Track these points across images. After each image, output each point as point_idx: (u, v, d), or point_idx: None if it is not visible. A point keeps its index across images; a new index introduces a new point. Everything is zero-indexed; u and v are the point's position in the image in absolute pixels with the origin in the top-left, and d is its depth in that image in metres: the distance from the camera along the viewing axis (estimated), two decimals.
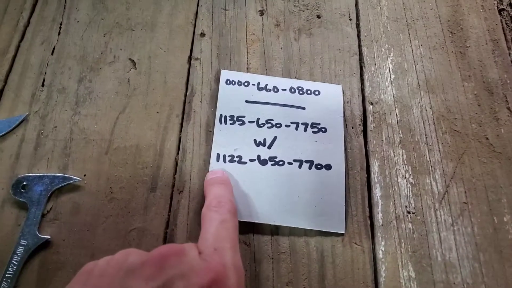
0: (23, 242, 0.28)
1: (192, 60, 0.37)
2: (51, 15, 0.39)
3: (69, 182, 0.31)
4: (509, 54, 0.41)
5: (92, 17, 0.39)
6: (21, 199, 0.30)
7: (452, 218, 0.31)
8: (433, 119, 0.36)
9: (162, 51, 0.38)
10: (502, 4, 0.45)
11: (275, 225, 0.30)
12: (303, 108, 0.35)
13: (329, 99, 0.36)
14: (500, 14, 0.44)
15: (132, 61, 0.37)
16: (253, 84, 0.36)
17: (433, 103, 0.37)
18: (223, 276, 0.21)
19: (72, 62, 0.37)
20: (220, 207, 0.26)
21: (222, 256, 0.22)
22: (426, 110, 0.37)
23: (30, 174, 0.31)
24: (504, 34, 0.42)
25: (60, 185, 0.31)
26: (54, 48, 0.37)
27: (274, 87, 0.36)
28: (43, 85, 0.35)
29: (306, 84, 0.36)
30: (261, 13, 0.41)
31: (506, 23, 0.43)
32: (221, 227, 0.24)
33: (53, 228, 0.30)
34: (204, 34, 0.39)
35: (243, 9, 0.41)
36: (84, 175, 0.32)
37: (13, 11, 0.39)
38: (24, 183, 0.30)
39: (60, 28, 0.38)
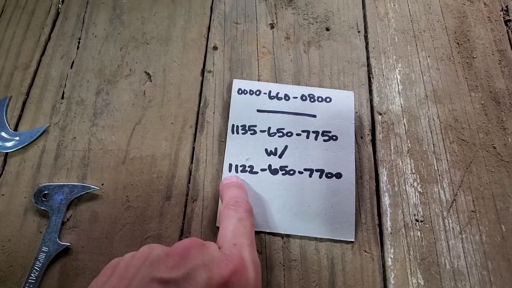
0: (44, 248, 0.30)
1: (205, 73, 0.39)
2: (70, 31, 0.41)
3: (88, 191, 0.32)
4: None
5: (109, 32, 0.41)
6: (42, 208, 0.31)
7: (460, 226, 0.32)
8: (441, 129, 0.37)
9: (176, 64, 0.40)
10: (508, 15, 0.46)
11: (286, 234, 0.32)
12: (314, 116, 0.36)
13: (340, 105, 0.37)
14: (506, 25, 0.45)
15: (148, 74, 0.39)
16: (264, 93, 0.38)
17: (441, 113, 0.38)
18: (242, 268, 0.23)
19: (90, 75, 0.39)
20: (238, 206, 0.27)
21: (241, 250, 0.24)
22: (433, 120, 0.38)
23: (51, 184, 0.33)
24: (511, 44, 0.43)
25: (79, 194, 0.32)
26: (73, 62, 0.39)
27: (286, 95, 0.38)
28: (62, 97, 0.37)
29: (318, 91, 0.38)
30: (272, 26, 0.42)
31: None
32: (239, 224, 0.26)
33: (73, 236, 0.31)
34: (217, 48, 0.41)
35: (254, 23, 0.42)
36: (102, 184, 0.33)
37: (35, 27, 0.41)
38: (45, 192, 0.32)
39: (79, 42, 0.41)
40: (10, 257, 0.30)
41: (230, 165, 0.34)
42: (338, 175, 0.33)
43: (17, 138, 0.34)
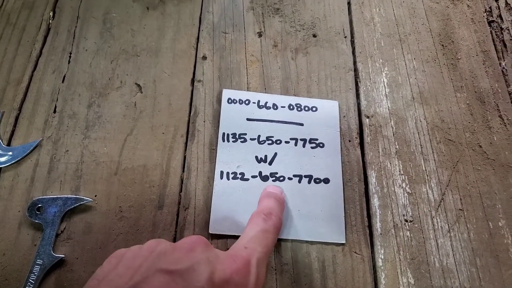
0: (39, 261, 0.31)
1: (195, 82, 0.41)
2: (61, 45, 0.43)
3: (81, 203, 0.33)
4: (500, 64, 0.43)
5: (99, 45, 0.43)
6: (36, 221, 0.32)
7: (448, 225, 0.33)
8: (428, 130, 0.38)
9: (166, 75, 0.41)
10: (491, 16, 0.48)
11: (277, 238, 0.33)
12: (302, 124, 0.38)
13: (326, 114, 0.38)
14: (490, 25, 0.46)
15: (138, 85, 0.40)
16: (253, 102, 0.39)
17: (427, 114, 0.39)
18: (246, 270, 0.24)
19: (81, 88, 0.40)
20: (268, 219, 0.28)
21: (250, 254, 0.25)
22: (420, 121, 0.39)
23: (44, 197, 0.34)
24: (494, 44, 0.45)
25: (73, 206, 0.33)
26: (64, 76, 0.41)
27: (274, 105, 0.39)
28: (55, 111, 0.39)
29: (304, 101, 0.39)
30: (259, 35, 0.44)
31: (496, 34, 0.46)
32: (261, 234, 0.27)
33: (67, 247, 0.32)
34: (206, 57, 0.42)
35: (242, 32, 0.44)
36: (95, 196, 0.34)
37: (26, 43, 0.43)
38: (39, 205, 0.33)
39: (70, 57, 0.42)
40: (5, 271, 0.31)
41: (222, 172, 0.35)
42: (326, 180, 0.35)
43: (10, 153, 0.35)
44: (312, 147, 0.36)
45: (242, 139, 0.37)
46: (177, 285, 0.21)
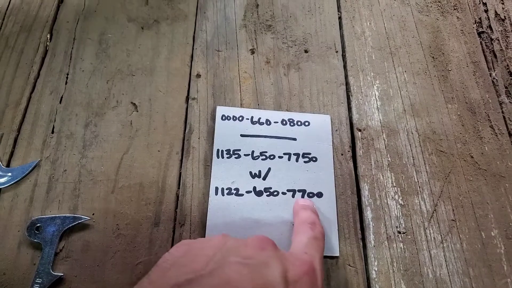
0: (38, 280, 0.33)
1: (189, 100, 0.43)
2: (58, 67, 0.45)
3: (79, 221, 0.35)
4: (490, 74, 0.46)
5: (95, 66, 0.45)
6: (35, 240, 0.34)
7: (441, 235, 0.35)
8: (419, 142, 0.40)
9: (161, 93, 0.43)
10: (481, 27, 0.50)
11: None
12: (294, 139, 0.40)
13: (318, 129, 0.40)
14: (479, 36, 0.49)
15: (134, 104, 0.43)
16: (247, 118, 0.41)
17: (419, 126, 0.41)
18: (313, 273, 0.25)
19: (78, 109, 0.42)
20: (315, 227, 0.30)
21: (311, 259, 0.26)
22: (412, 133, 0.41)
23: (43, 216, 0.36)
24: (484, 55, 0.47)
25: (71, 225, 0.35)
26: (62, 97, 0.43)
27: (267, 120, 0.41)
28: (52, 132, 0.41)
29: (297, 116, 0.41)
30: (252, 52, 0.47)
31: (486, 45, 0.48)
32: (313, 241, 0.29)
33: (66, 266, 0.34)
34: (200, 75, 0.45)
35: (235, 49, 0.47)
36: (93, 214, 0.36)
37: (25, 65, 0.45)
38: (38, 224, 0.35)
39: (67, 78, 0.45)
40: None
41: (216, 188, 0.37)
42: (319, 194, 0.36)
43: (10, 174, 0.37)
44: (305, 162, 0.38)
45: (236, 155, 0.39)
46: (252, 276, 0.23)
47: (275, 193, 0.37)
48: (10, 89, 0.44)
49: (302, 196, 0.36)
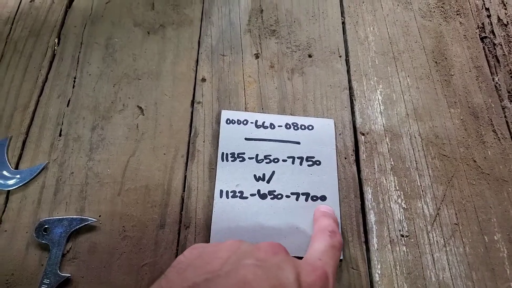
0: (46, 281, 0.33)
1: (194, 104, 0.44)
2: (66, 71, 0.46)
3: (86, 223, 0.36)
4: (493, 79, 0.46)
5: (102, 70, 0.46)
6: (43, 241, 0.35)
7: (444, 239, 0.35)
8: (422, 146, 0.41)
9: (167, 97, 0.44)
10: (484, 32, 0.50)
11: None
12: (298, 143, 0.40)
13: (321, 133, 0.41)
14: (482, 41, 0.49)
15: (140, 108, 0.43)
16: (251, 122, 0.42)
17: (422, 130, 0.42)
18: (326, 279, 0.26)
19: (85, 112, 0.43)
20: (334, 236, 0.31)
21: (325, 266, 0.27)
22: (415, 137, 0.41)
23: (51, 218, 0.36)
24: (487, 60, 0.47)
25: (78, 226, 0.36)
26: (69, 100, 0.44)
27: (271, 124, 0.42)
28: (60, 135, 0.42)
29: (300, 120, 0.42)
30: (257, 56, 0.47)
31: (488, 50, 0.48)
32: (330, 249, 0.29)
33: (73, 267, 0.34)
34: (205, 79, 0.45)
35: (239, 54, 0.47)
36: (99, 216, 0.37)
37: (33, 69, 0.46)
38: (46, 226, 0.36)
39: (74, 81, 0.45)
40: None
41: (221, 191, 0.38)
42: (323, 198, 0.37)
43: (18, 176, 0.38)
44: (309, 165, 0.39)
45: (241, 158, 0.39)
46: (268, 277, 0.23)
47: (279, 196, 0.37)
48: (19, 93, 0.44)
49: (306, 200, 0.37)
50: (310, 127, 0.41)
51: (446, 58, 0.48)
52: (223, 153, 0.40)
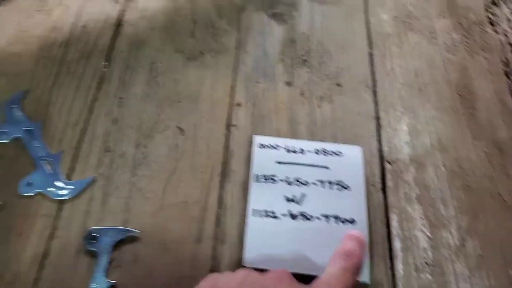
0: (94, 286, 0.36)
1: (230, 127, 0.47)
2: (113, 91, 0.50)
3: (130, 234, 0.39)
4: None
5: (146, 92, 0.50)
6: (92, 249, 0.38)
7: (469, 270, 0.36)
8: (447, 176, 0.42)
9: (205, 119, 0.47)
10: (508, 67, 0.52)
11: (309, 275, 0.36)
12: (327, 168, 0.42)
13: (350, 159, 0.43)
14: (506, 76, 0.51)
15: (180, 129, 0.47)
16: (282, 147, 0.44)
17: (446, 161, 0.44)
18: None
19: (130, 131, 0.47)
20: (349, 258, 0.31)
21: None
22: (440, 168, 0.43)
23: (99, 227, 0.39)
24: (511, 95, 0.49)
25: (123, 237, 0.39)
26: (116, 119, 0.48)
27: (301, 149, 0.44)
28: (107, 151, 0.45)
29: (329, 146, 0.44)
30: (288, 84, 0.50)
31: None
32: (341, 272, 0.30)
33: (117, 274, 0.37)
34: (240, 104, 0.48)
35: (273, 81, 0.50)
36: (142, 228, 0.40)
37: (83, 89, 0.50)
38: (94, 234, 0.39)
39: (121, 102, 0.49)
40: None
41: (254, 210, 0.40)
42: (352, 221, 0.39)
43: (71, 187, 0.42)
44: (338, 189, 0.41)
45: (273, 180, 0.42)
46: None
47: (310, 217, 0.39)
48: (71, 111, 0.48)
49: (336, 223, 0.39)
50: (339, 153, 0.44)
51: (470, 91, 0.49)
52: (256, 174, 0.42)
